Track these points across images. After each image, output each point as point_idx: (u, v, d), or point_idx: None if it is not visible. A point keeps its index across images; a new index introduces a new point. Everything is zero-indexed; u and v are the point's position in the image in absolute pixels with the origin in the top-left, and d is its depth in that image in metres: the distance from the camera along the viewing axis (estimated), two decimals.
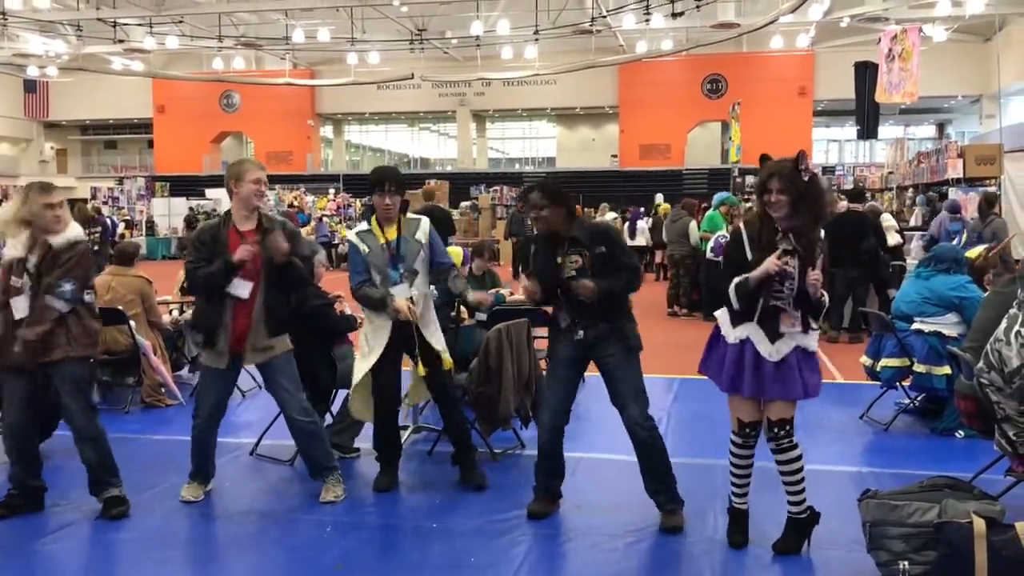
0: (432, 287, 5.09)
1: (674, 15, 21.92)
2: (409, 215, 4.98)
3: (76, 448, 4.58)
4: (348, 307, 6.01)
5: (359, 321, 5.72)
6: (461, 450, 5.10)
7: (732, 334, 3.97)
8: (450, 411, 5.11)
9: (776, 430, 3.93)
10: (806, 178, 3.76)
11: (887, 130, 27.69)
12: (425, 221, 4.99)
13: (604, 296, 4.27)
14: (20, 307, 4.36)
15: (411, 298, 4.77)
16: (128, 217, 28.45)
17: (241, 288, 4.58)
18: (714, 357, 4.06)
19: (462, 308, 6.33)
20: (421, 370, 4.92)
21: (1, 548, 4.21)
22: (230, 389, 5.04)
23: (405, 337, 4.83)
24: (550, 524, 4.46)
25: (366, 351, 4.90)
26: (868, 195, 12.28)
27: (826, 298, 3.82)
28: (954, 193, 11.06)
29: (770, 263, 3.73)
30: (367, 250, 4.81)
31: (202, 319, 4.75)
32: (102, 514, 4.55)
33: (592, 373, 4.58)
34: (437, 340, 4.95)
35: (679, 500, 4.42)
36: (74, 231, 4.50)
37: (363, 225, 4.95)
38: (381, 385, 4.92)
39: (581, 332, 4.36)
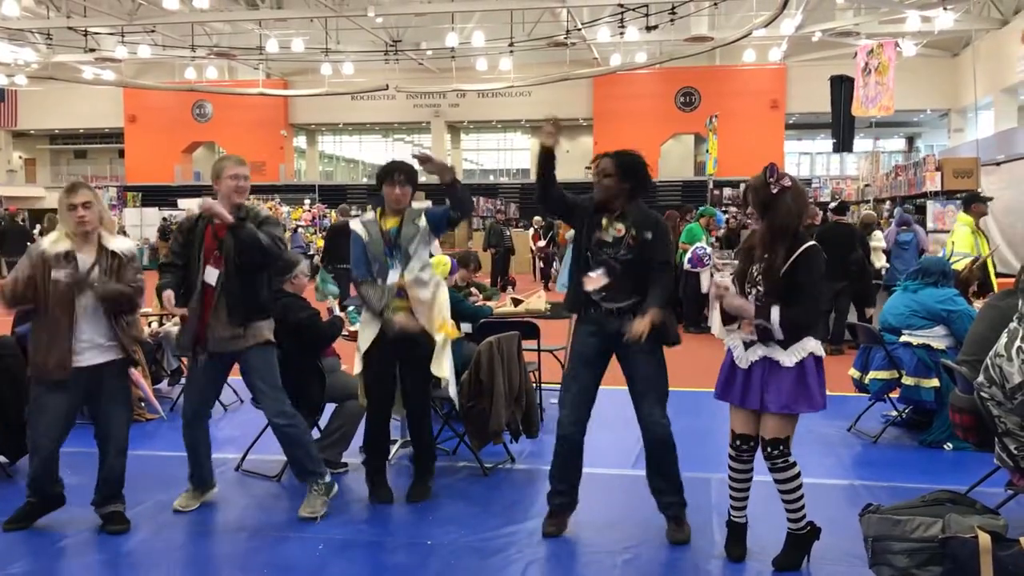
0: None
1: (648, 28, 22.03)
2: (413, 204, 4.95)
3: (104, 459, 4.49)
4: (336, 307, 5.89)
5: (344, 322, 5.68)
6: (418, 462, 5.06)
7: (727, 340, 4.01)
8: (418, 422, 5.03)
9: (770, 449, 3.90)
10: (774, 191, 3.82)
11: (858, 143, 28.03)
12: (423, 205, 5.00)
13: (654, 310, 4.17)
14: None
15: (402, 280, 4.76)
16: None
17: (210, 275, 4.58)
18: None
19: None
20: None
21: None
22: (216, 389, 5.02)
23: (393, 341, 4.79)
24: (545, 541, 4.39)
25: (361, 344, 4.91)
26: (851, 208, 12.35)
27: (773, 321, 3.75)
28: (932, 206, 11.17)
29: (716, 278, 3.90)
30: (368, 238, 4.84)
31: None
32: (104, 527, 4.48)
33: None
34: (432, 321, 4.87)
35: (685, 502, 4.38)
36: (126, 242, 4.57)
37: (369, 215, 5.00)
38: (369, 384, 4.91)
39: (613, 306, 4.23)
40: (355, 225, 4.95)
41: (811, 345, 3.86)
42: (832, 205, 11.29)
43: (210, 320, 4.58)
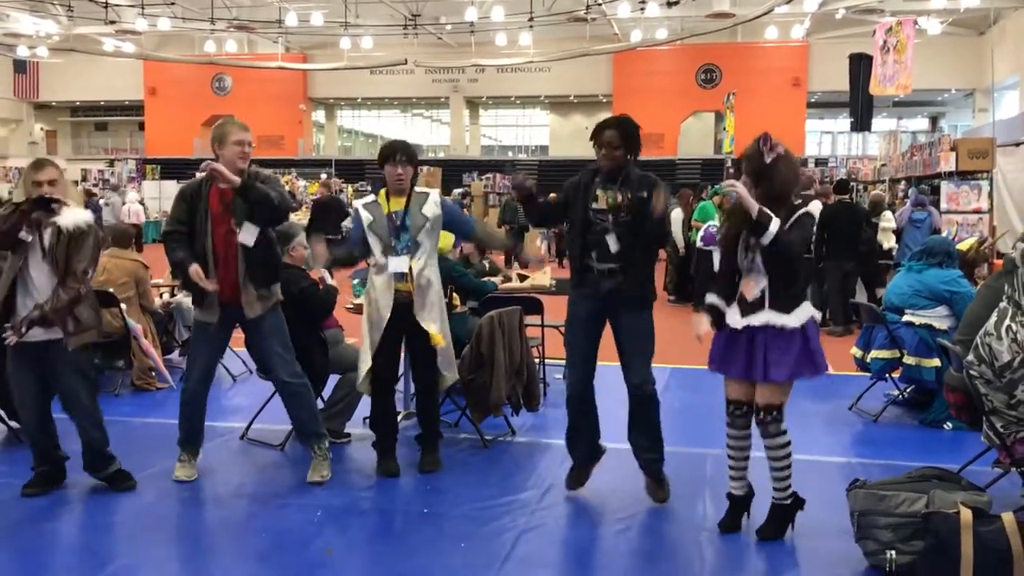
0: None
1: (669, 4, 21.91)
2: (417, 189, 4.98)
3: (80, 433, 4.59)
4: (328, 276, 5.93)
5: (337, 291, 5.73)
6: (427, 435, 5.13)
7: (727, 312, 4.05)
8: (427, 397, 5.10)
9: (763, 415, 3.96)
10: (768, 160, 3.87)
11: (880, 122, 27.75)
12: (433, 195, 4.99)
13: (647, 226, 4.31)
14: None
15: (409, 269, 4.80)
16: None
17: (247, 236, 4.59)
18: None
19: (454, 295, 6.32)
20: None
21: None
22: (220, 350, 5.10)
23: (401, 318, 4.84)
24: (540, 511, 4.47)
25: (366, 332, 4.92)
26: (852, 186, 12.31)
27: (772, 226, 3.78)
28: (946, 186, 11.10)
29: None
30: (371, 219, 4.85)
31: (182, 275, 4.74)
32: (113, 487, 4.63)
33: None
34: (432, 320, 4.89)
35: (663, 458, 4.52)
36: (82, 215, 4.45)
37: (371, 197, 5.02)
38: (376, 365, 4.92)
39: (604, 266, 4.35)
40: (357, 205, 5.00)
41: (809, 308, 3.93)
42: (819, 185, 11.28)
43: (241, 286, 4.62)
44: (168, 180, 28.97)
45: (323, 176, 27.24)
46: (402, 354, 5.26)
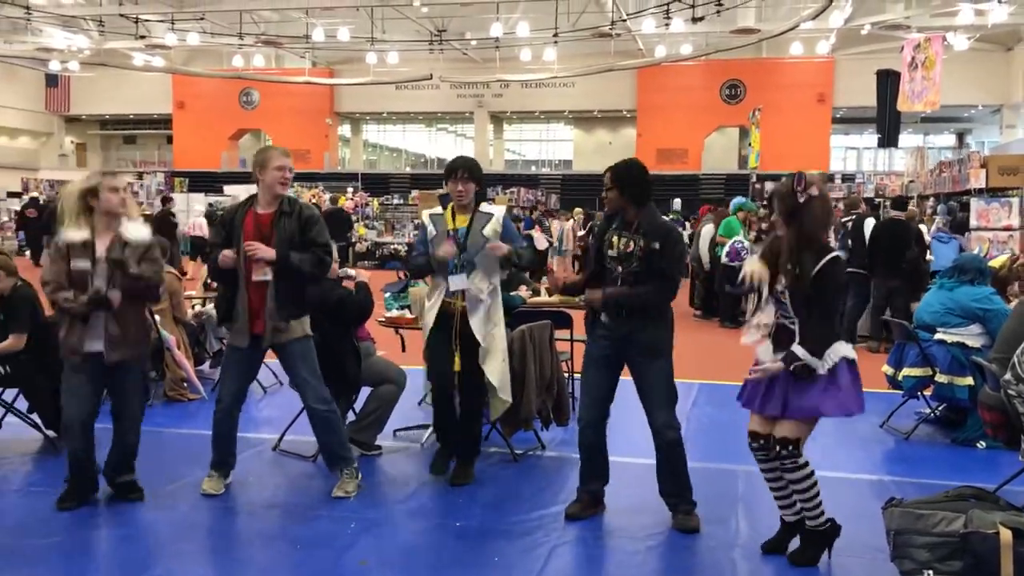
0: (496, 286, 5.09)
1: (694, 20, 21.87)
2: (483, 208, 5.00)
3: (118, 433, 4.68)
4: (356, 273, 5.91)
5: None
6: (464, 449, 5.15)
7: (758, 351, 4.04)
8: (467, 412, 5.11)
9: (779, 448, 3.92)
10: (801, 199, 3.82)
11: (907, 138, 27.61)
12: (498, 214, 4.99)
13: (628, 305, 4.30)
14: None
15: (465, 291, 4.88)
16: (148, 212, 28.51)
17: (262, 274, 4.64)
18: None
19: None
20: (456, 364, 4.95)
21: (28, 534, 4.27)
22: (253, 374, 5.11)
23: (448, 325, 4.94)
24: (571, 526, 4.47)
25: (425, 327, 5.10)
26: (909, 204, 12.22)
27: (800, 355, 3.80)
28: (976, 203, 11.01)
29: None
30: (433, 233, 4.96)
31: (221, 301, 4.90)
32: (121, 494, 4.71)
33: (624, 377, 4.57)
34: (484, 333, 4.93)
35: (693, 503, 4.44)
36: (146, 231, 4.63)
37: (438, 209, 5.09)
38: (431, 364, 5.11)
39: (605, 318, 4.37)
40: (424, 217, 5.12)
41: (843, 350, 3.86)
42: (891, 197, 11.20)
43: (266, 315, 4.67)
44: (196, 193, 29.22)
45: (349, 190, 27.38)
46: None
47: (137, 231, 4.55)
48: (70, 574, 3.95)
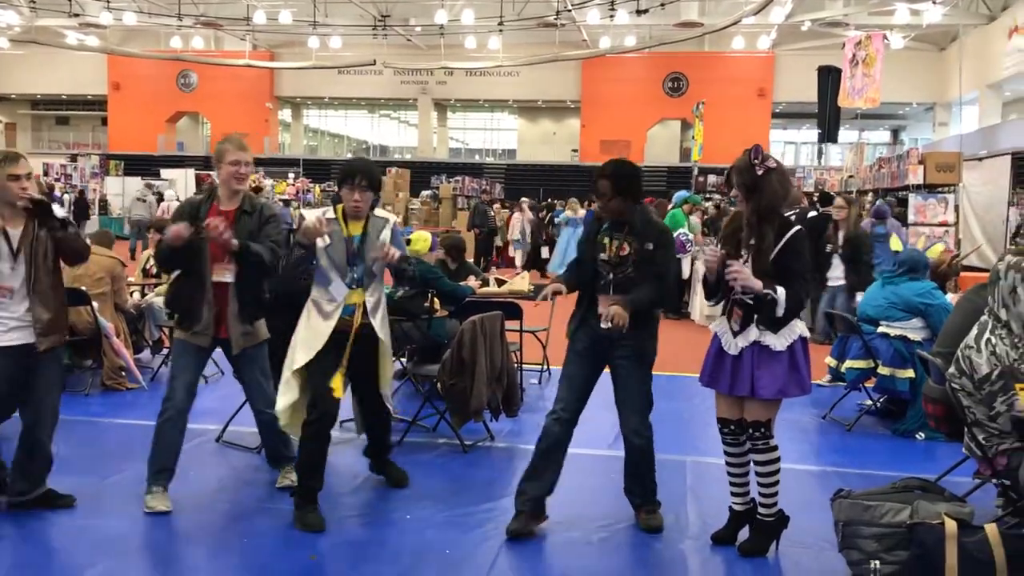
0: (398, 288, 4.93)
1: (638, 12, 22.03)
2: (376, 212, 4.55)
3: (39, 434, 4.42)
4: None
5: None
6: (383, 444, 4.97)
7: (716, 326, 4.07)
8: (374, 419, 4.91)
9: (751, 431, 3.97)
10: (759, 172, 3.84)
11: (843, 134, 28.20)
12: (391, 220, 4.63)
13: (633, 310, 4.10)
14: None
15: (364, 303, 4.46)
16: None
17: (225, 274, 4.49)
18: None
19: (435, 300, 6.30)
20: (337, 387, 4.35)
21: None
22: (203, 366, 4.94)
23: (340, 346, 4.41)
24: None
25: (297, 345, 4.45)
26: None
27: (779, 295, 3.77)
28: (913, 199, 11.27)
29: (709, 256, 3.94)
30: (327, 241, 4.37)
31: (179, 299, 4.58)
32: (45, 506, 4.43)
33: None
34: (384, 335, 4.58)
35: (657, 502, 4.42)
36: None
37: (329, 211, 4.50)
38: (316, 393, 4.37)
39: (605, 325, 4.11)
40: (310, 218, 4.33)
41: (799, 328, 3.92)
42: (814, 192, 11.37)
43: (230, 319, 4.50)
44: (132, 176, 28.52)
45: (291, 176, 27.00)
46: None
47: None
48: None
